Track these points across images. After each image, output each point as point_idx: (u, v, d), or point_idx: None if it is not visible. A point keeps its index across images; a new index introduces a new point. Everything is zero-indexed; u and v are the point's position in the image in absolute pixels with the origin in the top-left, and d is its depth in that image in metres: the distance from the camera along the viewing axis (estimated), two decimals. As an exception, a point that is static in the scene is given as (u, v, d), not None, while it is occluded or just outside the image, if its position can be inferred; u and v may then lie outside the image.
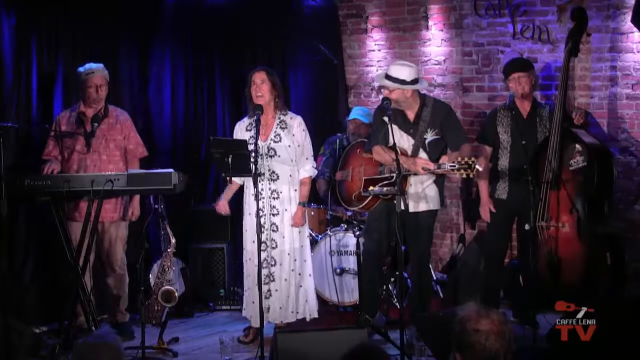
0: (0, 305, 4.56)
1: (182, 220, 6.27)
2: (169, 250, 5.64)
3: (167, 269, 5.63)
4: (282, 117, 5.36)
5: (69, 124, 5.42)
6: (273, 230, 5.32)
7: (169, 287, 5.56)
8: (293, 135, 5.33)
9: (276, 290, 5.33)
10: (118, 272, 5.58)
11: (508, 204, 5.58)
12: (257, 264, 4.98)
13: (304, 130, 5.39)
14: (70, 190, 5.02)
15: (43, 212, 5.29)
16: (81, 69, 5.42)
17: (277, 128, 5.33)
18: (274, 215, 5.32)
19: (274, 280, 5.32)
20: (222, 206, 5.57)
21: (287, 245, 5.33)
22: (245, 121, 5.44)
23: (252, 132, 5.24)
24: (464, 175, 4.84)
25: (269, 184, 5.30)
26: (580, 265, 5.30)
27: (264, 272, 5.23)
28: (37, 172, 5.24)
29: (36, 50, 5.64)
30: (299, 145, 5.35)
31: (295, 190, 5.36)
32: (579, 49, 5.52)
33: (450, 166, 4.85)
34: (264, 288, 5.21)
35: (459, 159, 4.83)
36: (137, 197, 5.58)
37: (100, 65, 5.45)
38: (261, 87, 5.27)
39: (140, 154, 5.66)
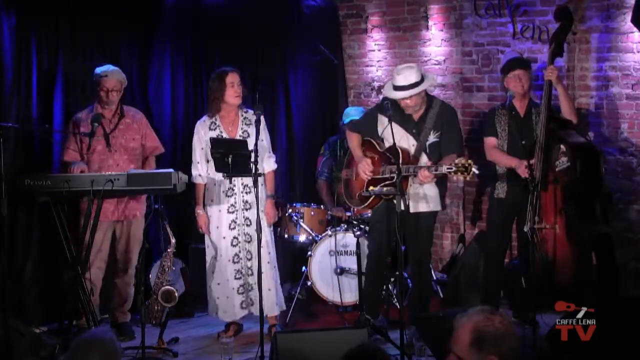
0: (0, 305, 4.58)
1: (182, 220, 6.26)
2: (169, 250, 5.64)
3: (167, 269, 5.63)
4: (244, 114, 5.45)
5: (87, 125, 5.37)
6: (247, 225, 5.38)
7: (169, 287, 5.56)
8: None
9: (255, 283, 5.32)
10: (129, 272, 5.59)
11: (508, 204, 5.58)
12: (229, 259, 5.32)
13: (264, 125, 5.45)
14: (70, 190, 5.01)
15: (43, 212, 5.29)
16: (98, 70, 5.43)
17: (242, 124, 5.42)
18: (246, 210, 5.37)
19: (252, 274, 5.36)
20: (206, 224, 5.43)
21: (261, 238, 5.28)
22: (207, 120, 5.45)
23: (218, 131, 5.37)
24: (461, 177, 4.85)
25: (241, 179, 5.34)
26: (569, 265, 5.31)
27: (236, 267, 5.37)
28: (37, 172, 5.23)
29: (36, 50, 5.63)
30: (262, 140, 5.40)
31: (262, 184, 5.40)
32: (563, 49, 5.52)
33: (447, 168, 4.85)
34: (237, 283, 5.37)
35: (456, 161, 4.83)
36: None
37: (116, 69, 5.45)
38: (238, 89, 5.39)
39: (157, 151, 5.70)
